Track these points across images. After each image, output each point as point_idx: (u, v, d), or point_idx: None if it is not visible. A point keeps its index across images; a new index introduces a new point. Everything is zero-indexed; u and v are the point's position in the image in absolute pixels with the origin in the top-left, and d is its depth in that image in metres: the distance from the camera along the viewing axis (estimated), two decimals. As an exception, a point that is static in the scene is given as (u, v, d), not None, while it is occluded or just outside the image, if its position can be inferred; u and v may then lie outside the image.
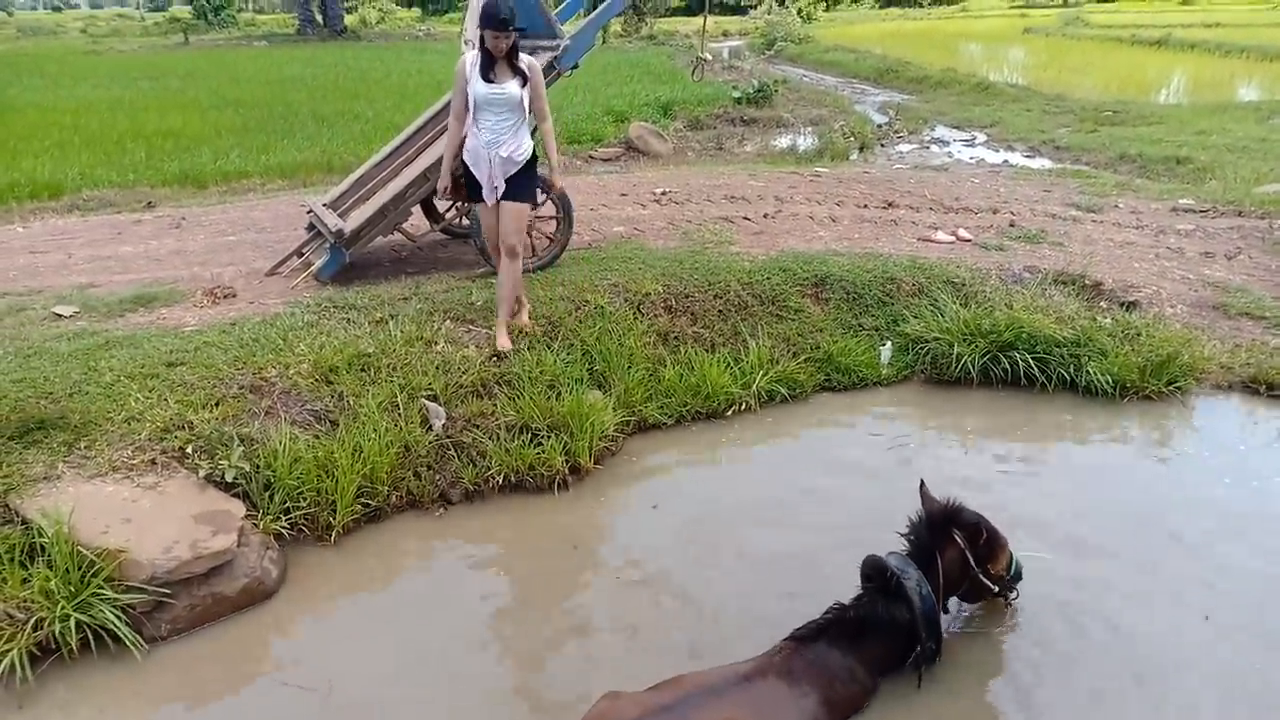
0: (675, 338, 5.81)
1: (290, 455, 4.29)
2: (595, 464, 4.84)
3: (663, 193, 8.91)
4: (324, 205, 6.55)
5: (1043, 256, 6.96)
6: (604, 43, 33.34)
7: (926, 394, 5.77)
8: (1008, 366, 5.65)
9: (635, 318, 5.78)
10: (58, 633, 3.43)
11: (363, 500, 4.35)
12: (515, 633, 3.78)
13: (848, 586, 3.43)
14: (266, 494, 4.20)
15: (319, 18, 47.36)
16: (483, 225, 5.51)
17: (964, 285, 6.32)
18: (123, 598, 3.54)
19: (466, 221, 6.53)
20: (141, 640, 3.54)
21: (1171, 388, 5.49)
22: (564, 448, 4.75)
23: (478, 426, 4.84)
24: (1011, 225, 7.87)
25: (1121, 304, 6.28)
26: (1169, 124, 14.66)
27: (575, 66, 6.65)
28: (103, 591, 3.52)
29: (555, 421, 4.85)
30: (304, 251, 6.58)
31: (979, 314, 5.90)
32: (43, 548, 3.62)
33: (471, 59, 5.00)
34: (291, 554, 4.16)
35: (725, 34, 45.82)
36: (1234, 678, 3.40)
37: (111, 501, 3.88)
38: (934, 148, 14.84)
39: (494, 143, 5.05)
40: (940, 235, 7.51)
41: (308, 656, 3.64)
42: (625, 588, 3.99)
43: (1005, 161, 13.20)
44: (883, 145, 15.09)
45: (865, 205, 8.56)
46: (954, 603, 3.61)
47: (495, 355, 5.21)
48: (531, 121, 5.28)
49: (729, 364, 5.63)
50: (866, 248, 7.06)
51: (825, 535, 4.23)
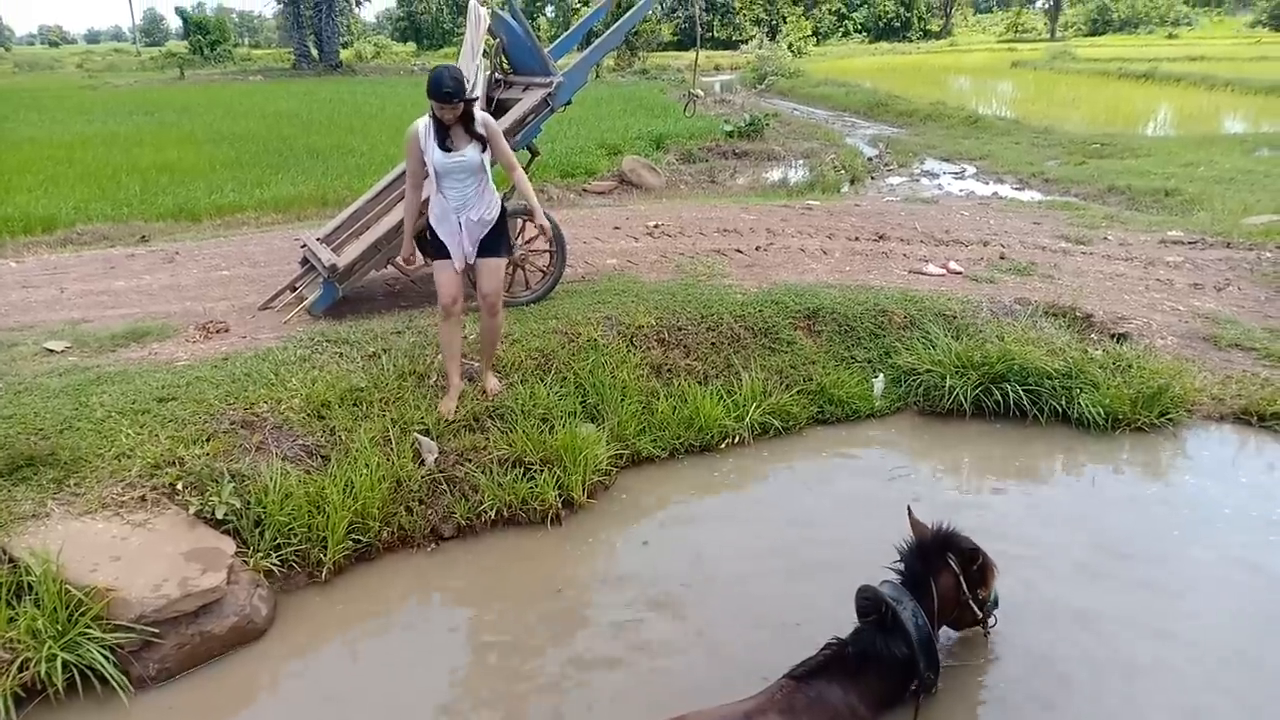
0: (668, 370, 5.81)
1: (281, 491, 4.26)
2: (589, 498, 4.82)
3: (655, 225, 8.96)
4: (318, 239, 6.58)
5: (1033, 289, 7.00)
6: (597, 77, 33.70)
7: (920, 426, 5.77)
8: (1000, 398, 5.66)
9: (628, 350, 5.78)
10: (44, 673, 3.38)
11: (354, 536, 4.32)
12: (507, 673, 3.74)
13: (844, 623, 3.40)
14: (257, 531, 4.16)
15: (315, 52, 47.84)
16: (440, 286, 4.99)
17: (955, 317, 6.35)
18: (110, 637, 3.50)
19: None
20: (129, 681, 3.49)
21: (1163, 419, 5.50)
22: (557, 482, 4.73)
23: (470, 460, 4.82)
24: (1002, 258, 7.92)
25: (1112, 336, 6.30)
26: (1156, 156, 14.82)
27: (569, 102, 6.72)
28: (90, 631, 3.48)
29: (548, 455, 4.84)
30: (297, 285, 6.59)
31: (970, 346, 5.92)
32: (30, 586, 3.58)
33: (424, 126, 4.75)
34: (282, 592, 4.12)
35: (717, 68, 46.43)
36: (1223, 701, 3.40)
37: (100, 539, 3.84)
38: (924, 180, 14.98)
39: (461, 207, 4.87)
40: (931, 268, 7.55)
41: (297, 699, 3.59)
42: (620, 627, 3.95)
43: (995, 194, 13.33)
44: (873, 178, 15.24)
45: (856, 238, 8.62)
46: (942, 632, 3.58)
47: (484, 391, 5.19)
48: (498, 172, 5.11)
49: (722, 396, 5.63)
50: (858, 280, 7.10)
51: (819, 571, 4.21)
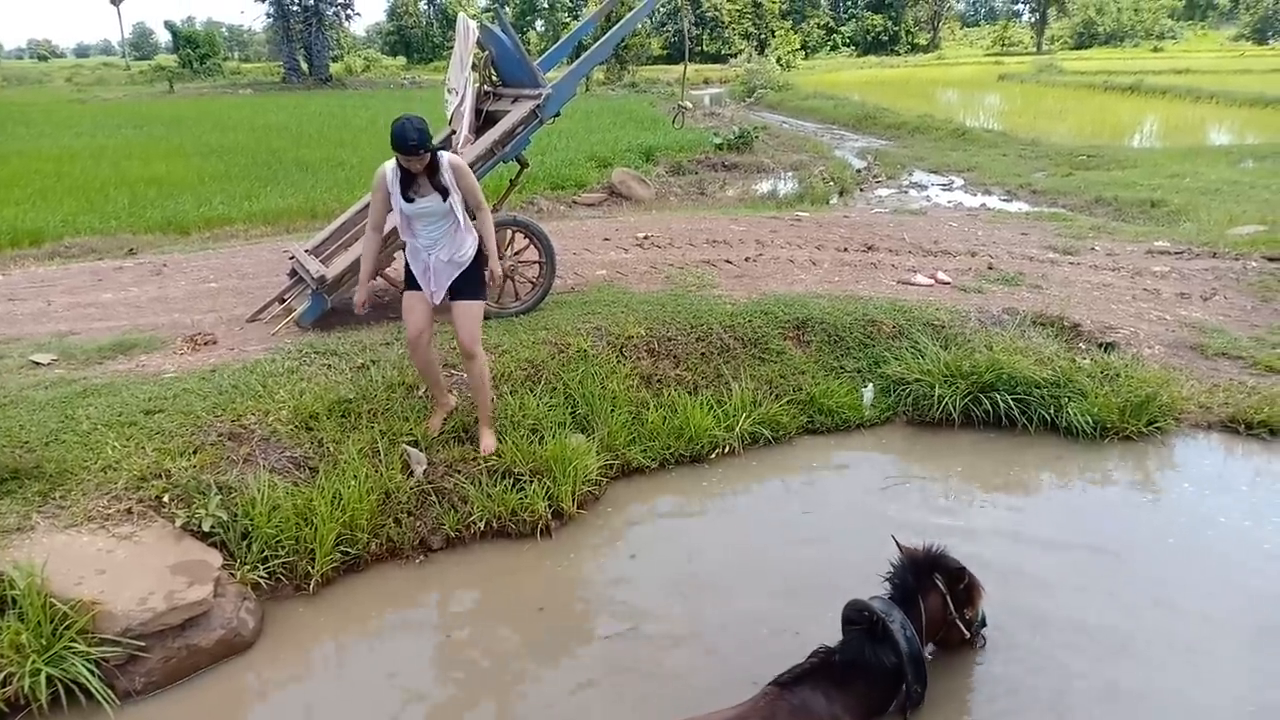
0: (658, 380, 5.81)
1: (269, 503, 4.23)
2: (579, 509, 4.81)
3: (645, 237, 8.97)
4: (306, 251, 6.56)
5: (1021, 298, 7.03)
6: (587, 90, 33.83)
7: (909, 436, 5.78)
8: (989, 408, 5.68)
9: (618, 361, 5.78)
10: (28, 687, 3.35)
11: (342, 548, 4.29)
12: (496, 686, 3.72)
13: (835, 634, 3.41)
14: (244, 543, 4.14)
15: (304, 66, 47.92)
16: (408, 316, 4.75)
17: (944, 327, 6.37)
18: (95, 651, 3.47)
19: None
20: (114, 695, 3.46)
21: (1151, 428, 5.52)
22: (546, 492, 4.71)
23: (459, 472, 4.80)
24: (990, 268, 7.96)
25: (1100, 345, 6.33)
26: (1143, 168, 14.95)
27: (557, 114, 6.73)
28: (75, 644, 3.44)
29: (538, 466, 4.82)
30: (286, 297, 6.57)
31: (959, 356, 5.94)
32: (14, 600, 3.55)
33: (391, 170, 4.52)
34: (269, 605, 4.09)
35: (706, 81, 46.70)
36: (1218, 711, 3.39)
37: (86, 552, 3.81)
38: (912, 192, 15.06)
39: (431, 246, 4.67)
40: (920, 278, 7.58)
41: (284, 712, 3.56)
42: (609, 639, 3.93)
43: (983, 205, 13.41)
44: (862, 190, 15.31)
45: (845, 249, 8.65)
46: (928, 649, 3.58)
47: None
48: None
49: (712, 406, 5.62)
50: (847, 290, 7.11)
51: (809, 582, 4.20)
